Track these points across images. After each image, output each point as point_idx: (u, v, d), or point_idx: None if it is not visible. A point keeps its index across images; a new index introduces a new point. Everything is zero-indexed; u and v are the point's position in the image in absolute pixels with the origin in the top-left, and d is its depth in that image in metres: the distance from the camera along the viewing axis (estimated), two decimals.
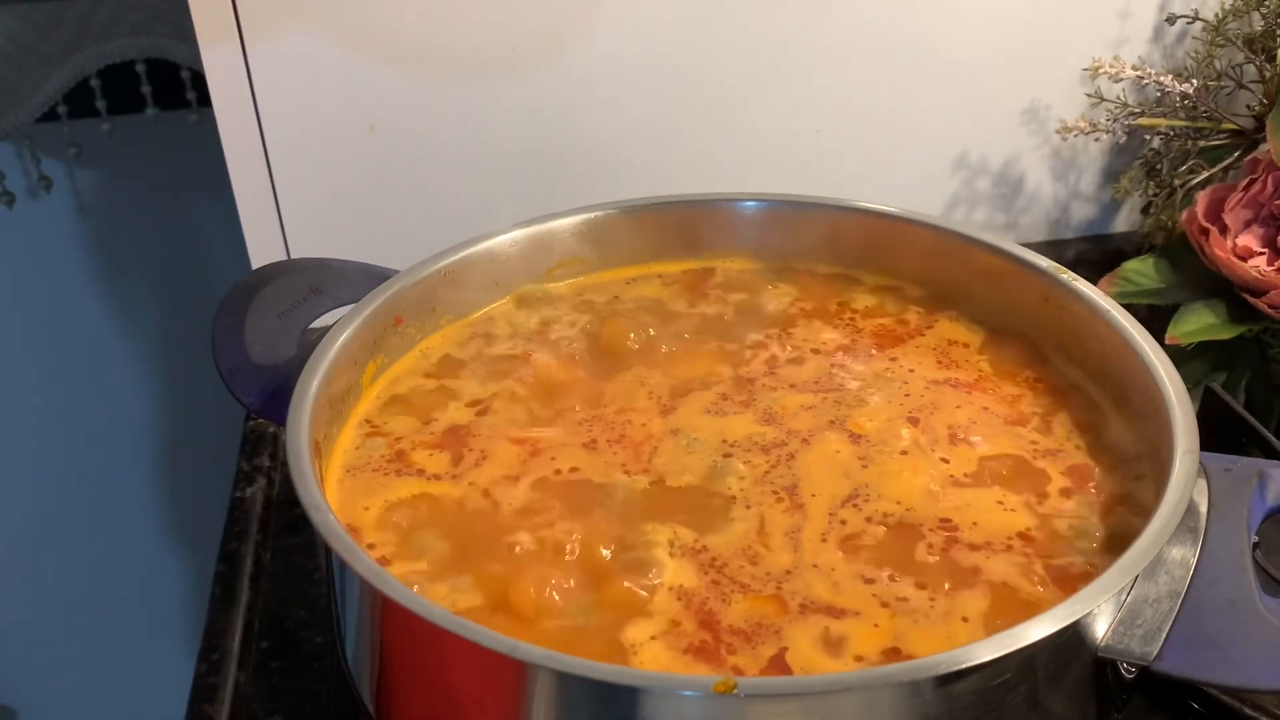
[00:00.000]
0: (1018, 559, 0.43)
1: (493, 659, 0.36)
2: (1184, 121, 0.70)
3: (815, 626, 0.40)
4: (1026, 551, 0.43)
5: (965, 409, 0.50)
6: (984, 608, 0.41)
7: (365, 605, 0.42)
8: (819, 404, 0.51)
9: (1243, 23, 0.70)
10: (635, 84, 0.70)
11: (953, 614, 0.40)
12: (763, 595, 0.41)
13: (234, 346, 0.50)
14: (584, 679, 0.35)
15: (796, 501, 0.45)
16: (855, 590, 0.41)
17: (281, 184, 0.69)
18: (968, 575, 0.42)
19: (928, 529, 0.44)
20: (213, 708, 0.49)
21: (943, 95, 0.75)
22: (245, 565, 0.56)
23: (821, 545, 0.43)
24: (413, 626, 0.38)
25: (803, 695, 0.35)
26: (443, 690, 0.40)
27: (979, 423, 0.50)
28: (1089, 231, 0.82)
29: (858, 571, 0.42)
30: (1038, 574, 0.42)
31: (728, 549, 0.43)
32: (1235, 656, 0.38)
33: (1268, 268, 0.61)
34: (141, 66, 0.86)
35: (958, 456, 0.48)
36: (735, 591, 0.42)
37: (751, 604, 0.41)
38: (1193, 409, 0.44)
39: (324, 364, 0.47)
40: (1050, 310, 0.53)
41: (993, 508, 0.45)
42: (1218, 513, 0.42)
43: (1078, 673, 0.39)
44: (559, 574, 0.42)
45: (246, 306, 0.51)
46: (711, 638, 0.40)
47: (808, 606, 0.41)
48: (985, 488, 0.46)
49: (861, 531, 0.44)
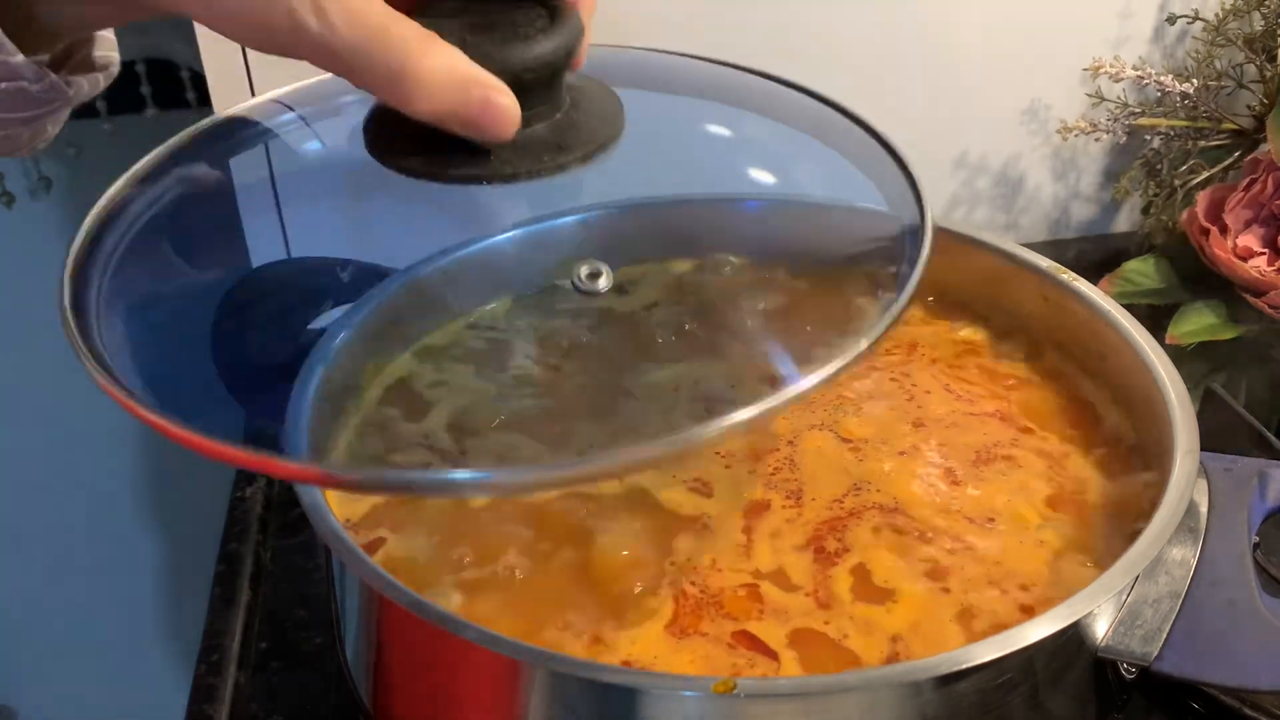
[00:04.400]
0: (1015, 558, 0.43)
1: (492, 659, 0.36)
2: (1184, 121, 0.70)
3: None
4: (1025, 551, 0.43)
5: (965, 410, 0.50)
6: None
7: (365, 606, 0.42)
8: (816, 401, 0.51)
9: (1243, 23, 0.70)
10: (634, 85, 0.69)
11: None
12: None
13: (232, 346, 0.50)
14: (583, 679, 0.35)
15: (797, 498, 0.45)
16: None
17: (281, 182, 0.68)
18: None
19: (922, 529, 0.44)
20: (212, 708, 0.49)
21: (942, 95, 0.75)
22: (245, 565, 0.56)
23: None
24: (413, 626, 0.38)
25: (803, 696, 0.36)
26: (442, 690, 0.40)
27: (978, 423, 0.50)
28: (1089, 231, 0.82)
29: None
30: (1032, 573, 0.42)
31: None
32: (1235, 657, 0.38)
33: (1268, 268, 0.61)
34: (141, 66, 0.86)
35: (957, 457, 0.48)
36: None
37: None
38: (1193, 409, 0.44)
39: (323, 363, 0.47)
40: (1050, 310, 0.53)
41: (991, 507, 0.45)
42: (1218, 513, 0.42)
43: (1078, 673, 0.39)
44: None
45: (245, 306, 0.51)
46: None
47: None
48: (984, 487, 0.46)
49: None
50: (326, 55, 0.34)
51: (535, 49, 0.36)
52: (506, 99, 0.35)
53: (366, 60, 0.34)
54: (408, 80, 0.34)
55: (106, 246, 0.39)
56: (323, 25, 0.33)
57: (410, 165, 0.38)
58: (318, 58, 0.34)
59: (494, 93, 0.35)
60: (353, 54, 0.34)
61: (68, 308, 0.36)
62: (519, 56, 0.35)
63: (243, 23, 0.34)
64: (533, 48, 0.35)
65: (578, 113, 0.38)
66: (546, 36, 0.36)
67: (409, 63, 0.34)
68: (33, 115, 0.39)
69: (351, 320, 0.50)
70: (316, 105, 0.46)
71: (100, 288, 0.38)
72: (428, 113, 0.35)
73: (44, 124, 0.40)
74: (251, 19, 0.34)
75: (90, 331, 0.36)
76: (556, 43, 0.36)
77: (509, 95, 0.35)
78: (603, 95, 0.40)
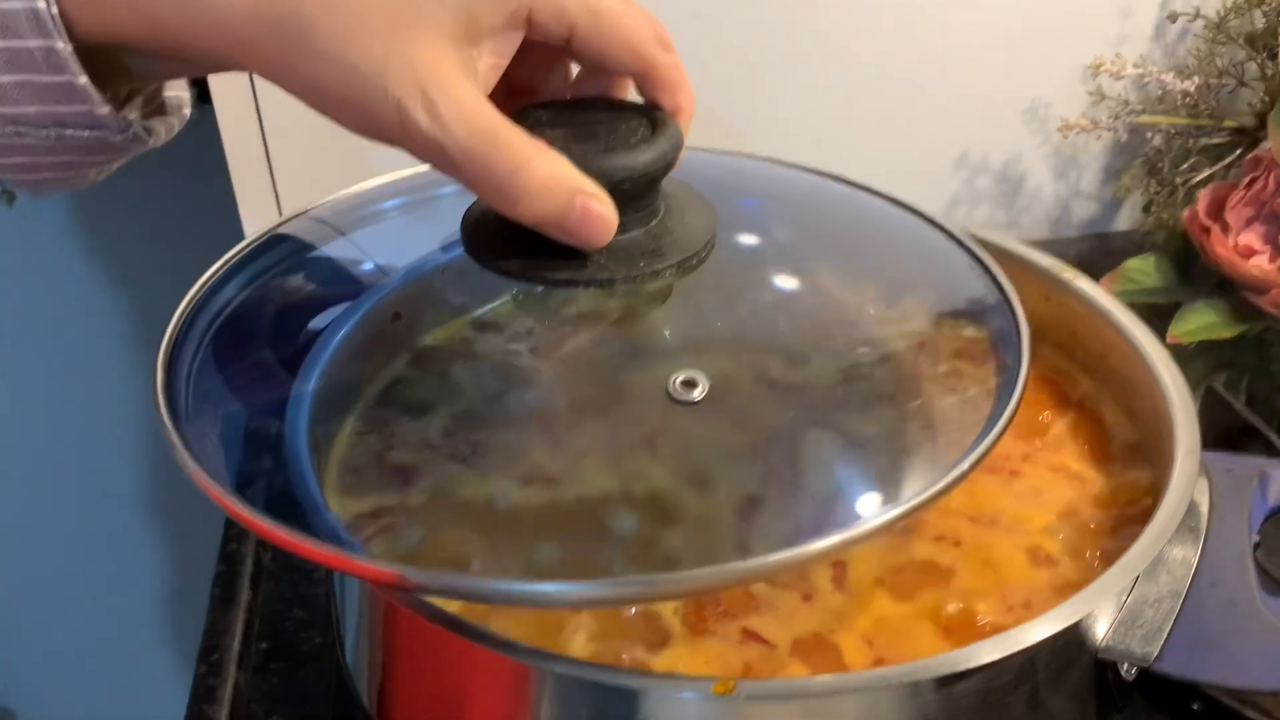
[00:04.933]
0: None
1: (493, 660, 0.36)
2: (1185, 119, 0.70)
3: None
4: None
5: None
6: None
7: (365, 606, 0.42)
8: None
9: (1244, 20, 0.70)
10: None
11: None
12: None
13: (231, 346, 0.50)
14: (583, 680, 0.35)
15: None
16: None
17: (282, 182, 0.68)
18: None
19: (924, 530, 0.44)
20: (212, 709, 0.49)
21: (943, 93, 0.74)
22: (245, 566, 0.56)
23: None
24: (412, 627, 0.38)
25: (802, 697, 0.35)
26: (442, 691, 0.40)
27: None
28: (1090, 230, 0.82)
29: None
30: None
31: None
32: (1236, 657, 0.38)
33: (1269, 266, 0.61)
34: None
35: None
36: None
37: None
38: (1194, 408, 0.44)
39: (321, 361, 0.47)
40: (1051, 309, 0.53)
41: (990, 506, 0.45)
42: (1219, 513, 0.42)
43: (1078, 674, 0.38)
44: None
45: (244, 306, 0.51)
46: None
47: None
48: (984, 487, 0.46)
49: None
50: (436, 152, 0.34)
51: (636, 159, 0.36)
52: (606, 208, 0.35)
53: (478, 163, 0.34)
54: (516, 185, 0.34)
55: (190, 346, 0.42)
56: (434, 124, 0.33)
57: (509, 267, 0.38)
58: (426, 154, 0.34)
59: (595, 201, 0.35)
60: (464, 155, 0.33)
61: (163, 404, 0.39)
62: (620, 166, 0.36)
63: (348, 111, 0.34)
64: (634, 158, 0.36)
65: (671, 219, 0.38)
66: (648, 146, 0.36)
67: (519, 167, 0.34)
68: (108, 159, 0.39)
69: (349, 317, 0.50)
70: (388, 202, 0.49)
71: (189, 383, 0.41)
72: (531, 217, 0.35)
73: (113, 164, 0.40)
74: (357, 108, 0.34)
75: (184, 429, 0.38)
76: (656, 153, 0.36)
77: (609, 204, 0.35)
78: (696, 203, 0.40)
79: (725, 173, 0.50)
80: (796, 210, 0.49)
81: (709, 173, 0.43)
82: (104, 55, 0.35)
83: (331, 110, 0.34)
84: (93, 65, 0.34)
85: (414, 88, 0.33)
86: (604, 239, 0.36)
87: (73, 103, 0.35)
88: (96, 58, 0.35)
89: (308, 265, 0.48)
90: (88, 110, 0.35)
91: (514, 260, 0.38)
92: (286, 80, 0.34)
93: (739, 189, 0.48)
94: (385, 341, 0.49)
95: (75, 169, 0.38)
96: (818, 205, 0.49)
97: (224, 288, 0.44)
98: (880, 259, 0.46)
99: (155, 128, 0.39)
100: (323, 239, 0.49)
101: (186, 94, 0.43)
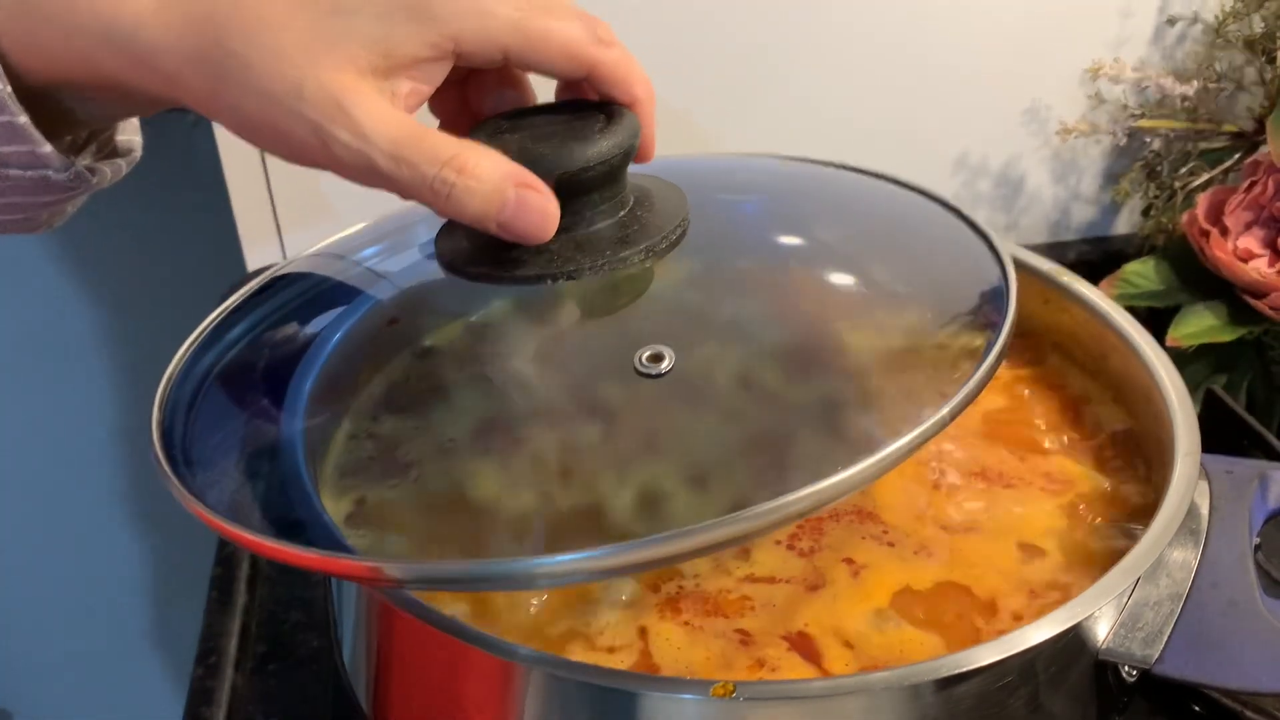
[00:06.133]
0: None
1: (491, 662, 0.36)
2: (1184, 123, 0.70)
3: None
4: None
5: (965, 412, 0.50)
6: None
7: (362, 608, 0.42)
8: None
9: (1243, 25, 0.70)
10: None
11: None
12: None
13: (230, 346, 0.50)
14: (581, 682, 0.35)
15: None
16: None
17: (278, 185, 0.68)
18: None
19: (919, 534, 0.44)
20: (210, 710, 0.49)
21: (942, 96, 0.75)
22: (242, 568, 0.56)
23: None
24: (410, 629, 0.38)
25: (802, 699, 0.35)
26: (440, 693, 0.40)
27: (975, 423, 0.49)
28: (1089, 233, 0.82)
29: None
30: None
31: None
32: (1237, 659, 0.38)
33: (1268, 269, 0.61)
34: None
35: (953, 459, 0.47)
36: None
37: None
38: (1193, 411, 0.44)
39: (318, 365, 0.47)
40: (1050, 312, 0.53)
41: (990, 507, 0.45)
42: (1219, 515, 0.42)
43: (1079, 676, 0.38)
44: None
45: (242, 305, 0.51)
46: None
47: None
48: (982, 487, 0.46)
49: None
50: (364, 165, 0.34)
51: (591, 148, 0.36)
52: (544, 197, 0.35)
53: (405, 165, 0.34)
54: (446, 179, 0.34)
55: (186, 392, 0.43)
56: (355, 137, 0.33)
57: (480, 272, 0.38)
58: (354, 170, 0.34)
59: (531, 191, 0.35)
60: (390, 161, 0.34)
61: (160, 452, 0.40)
62: (575, 156, 0.36)
63: (271, 138, 0.34)
64: (588, 148, 0.36)
65: (641, 209, 0.39)
66: (603, 136, 0.37)
67: (445, 162, 0.34)
68: (55, 200, 0.39)
69: (346, 321, 0.50)
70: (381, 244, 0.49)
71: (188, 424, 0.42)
72: (469, 213, 0.35)
73: (64, 206, 0.40)
74: (281, 134, 0.34)
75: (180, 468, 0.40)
76: (613, 141, 0.37)
77: (547, 193, 0.35)
78: (667, 192, 0.40)
79: (708, 170, 0.51)
80: (777, 194, 0.49)
81: (691, 170, 0.44)
82: (49, 101, 0.36)
83: (257, 139, 0.35)
84: (37, 111, 0.35)
85: (331, 108, 0.33)
86: (546, 231, 0.36)
87: (14, 143, 0.35)
88: (41, 104, 0.36)
89: (308, 294, 0.48)
90: (29, 150, 0.36)
91: (483, 265, 0.38)
92: (214, 111, 0.35)
93: (721, 184, 0.49)
94: (383, 345, 0.49)
95: (24, 210, 0.39)
96: (800, 189, 0.50)
97: (227, 331, 0.46)
98: (864, 231, 0.46)
99: (101, 169, 0.40)
100: (322, 268, 0.49)
101: (138, 138, 0.43)
